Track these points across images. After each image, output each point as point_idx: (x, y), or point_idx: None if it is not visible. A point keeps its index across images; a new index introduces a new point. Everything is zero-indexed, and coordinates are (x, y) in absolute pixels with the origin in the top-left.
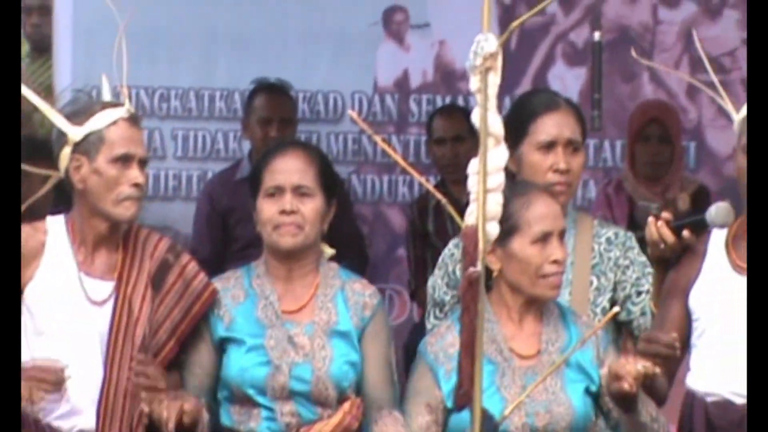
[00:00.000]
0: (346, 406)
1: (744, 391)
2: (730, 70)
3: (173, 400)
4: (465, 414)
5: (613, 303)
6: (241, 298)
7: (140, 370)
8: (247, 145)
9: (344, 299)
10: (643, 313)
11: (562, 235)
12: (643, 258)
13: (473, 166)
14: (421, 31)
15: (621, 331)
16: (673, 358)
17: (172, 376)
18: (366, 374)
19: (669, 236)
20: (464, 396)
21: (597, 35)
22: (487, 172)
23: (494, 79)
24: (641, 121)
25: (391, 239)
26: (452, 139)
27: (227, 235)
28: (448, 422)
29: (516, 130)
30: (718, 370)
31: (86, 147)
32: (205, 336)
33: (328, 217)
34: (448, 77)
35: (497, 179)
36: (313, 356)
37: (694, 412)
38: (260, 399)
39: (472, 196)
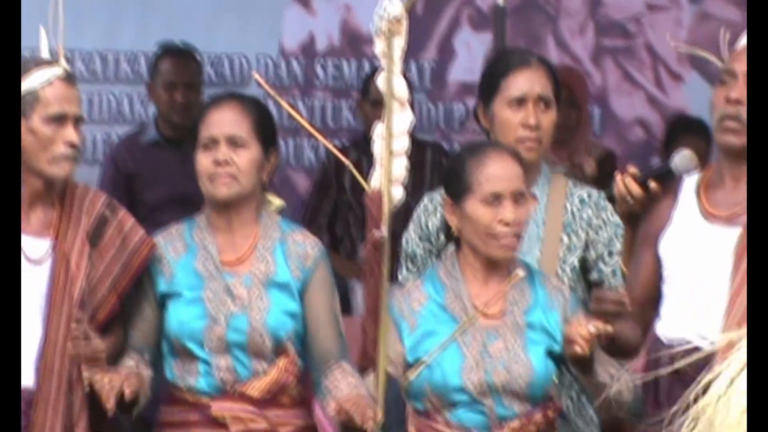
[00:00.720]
0: (281, 362)
1: (711, 337)
2: (635, 35)
3: (114, 378)
4: (425, 371)
5: (583, 262)
6: (181, 251)
7: (79, 335)
8: (153, 109)
9: (284, 250)
10: (614, 274)
11: (517, 196)
12: (617, 219)
13: (378, 130)
14: None
15: (591, 290)
16: (644, 307)
17: (114, 333)
18: (311, 326)
19: (636, 189)
20: (369, 360)
21: (500, 0)
22: (392, 135)
23: (399, 43)
24: None
25: (296, 203)
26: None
27: (133, 199)
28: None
29: (489, 87)
30: (685, 317)
31: (21, 106)
32: (147, 291)
33: (269, 167)
34: (355, 41)
35: (402, 143)
36: (251, 307)
37: (659, 358)
38: (199, 352)
39: (377, 160)
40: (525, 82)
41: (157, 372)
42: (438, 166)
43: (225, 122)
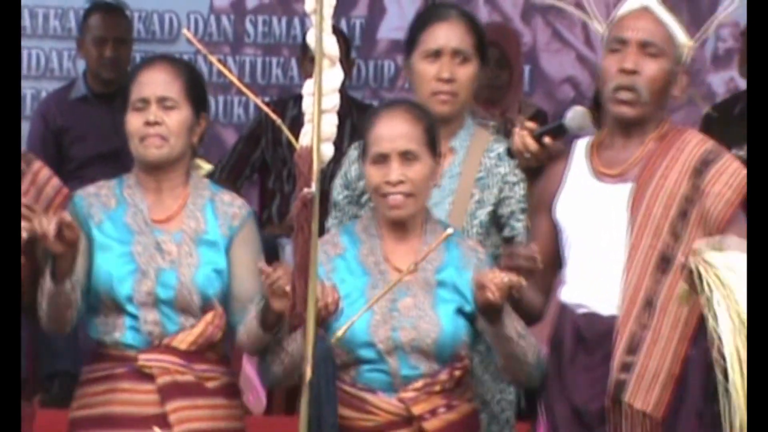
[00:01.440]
0: (209, 316)
1: (612, 297)
2: None
3: (51, 215)
4: (340, 321)
5: (497, 218)
6: (112, 205)
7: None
8: (82, 65)
9: (213, 209)
10: (527, 230)
11: (405, 156)
12: None
13: (308, 87)
14: None
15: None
16: (544, 272)
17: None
18: (234, 280)
19: (532, 144)
20: (298, 317)
21: None
22: (322, 93)
23: (329, 1)
24: None
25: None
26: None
27: (61, 154)
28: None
29: (409, 41)
30: (585, 282)
31: None
32: (81, 239)
33: (199, 130)
34: None
35: (332, 100)
36: (180, 263)
37: (564, 324)
38: (126, 305)
39: (306, 117)
40: (441, 35)
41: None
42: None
43: (156, 83)
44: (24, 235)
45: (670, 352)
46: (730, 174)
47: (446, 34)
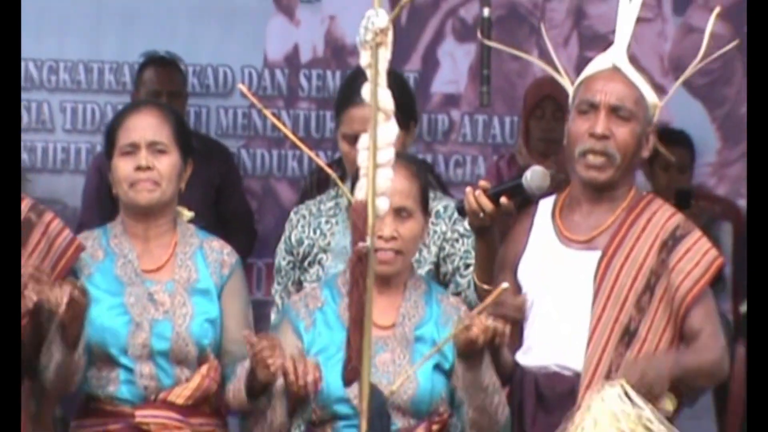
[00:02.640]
0: (204, 369)
1: (574, 364)
2: None
3: (63, 284)
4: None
5: (439, 275)
6: (99, 257)
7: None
8: None
9: (203, 257)
10: (469, 286)
11: (401, 212)
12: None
13: (363, 141)
14: (312, 5)
15: None
16: (513, 333)
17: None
18: (225, 331)
19: (487, 204)
20: (353, 371)
21: (486, 11)
22: (377, 147)
23: (384, 54)
24: (535, 97)
25: (279, 214)
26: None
27: (116, 208)
28: None
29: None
30: (547, 344)
31: None
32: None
33: (186, 175)
34: (339, 52)
35: (387, 154)
36: (174, 313)
37: (524, 385)
38: (122, 358)
39: (362, 171)
40: (359, 121)
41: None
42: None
43: (146, 128)
44: (33, 299)
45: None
46: (698, 251)
47: (363, 120)
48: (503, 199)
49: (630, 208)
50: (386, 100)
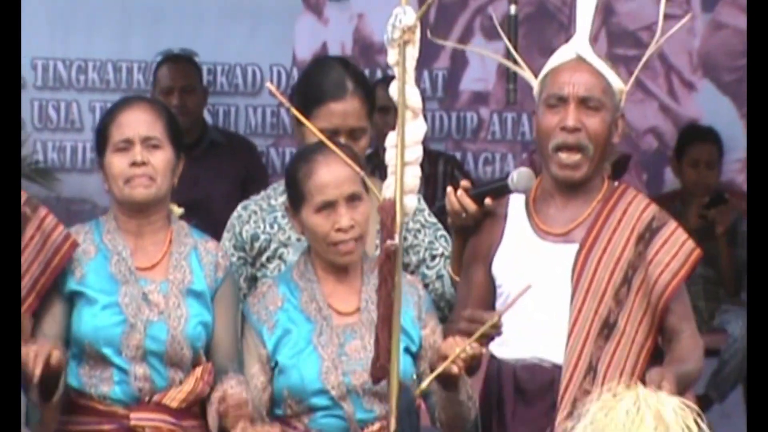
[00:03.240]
0: (198, 372)
1: (553, 356)
2: (647, 44)
3: (40, 345)
4: (283, 376)
5: (405, 266)
6: (91, 254)
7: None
8: None
9: (198, 258)
10: (438, 277)
11: (353, 198)
12: (434, 220)
13: (391, 139)
14: (340, 4)
15: None
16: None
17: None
18: (215, 335)
19: (470, 205)
20: (381, 369)
21: (513, 9)
22: (404, 145)
23: (412, 52)
24: None
25: None
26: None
27: None
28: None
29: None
30: (525, 337)
31: None
32: (55, 289)
33: (178, 170)
34: (367, 50)
35: (415, 152)
36: (169, 315)
37: (502, 378)
38: (115, 358)
39: (390, 169)
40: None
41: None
42: (450, 177)
43: (139, 123)
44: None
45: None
46: (675, 243)
47: (343, 114)
48: (488, 200)
49: (605, 199)
50: (414, 98)
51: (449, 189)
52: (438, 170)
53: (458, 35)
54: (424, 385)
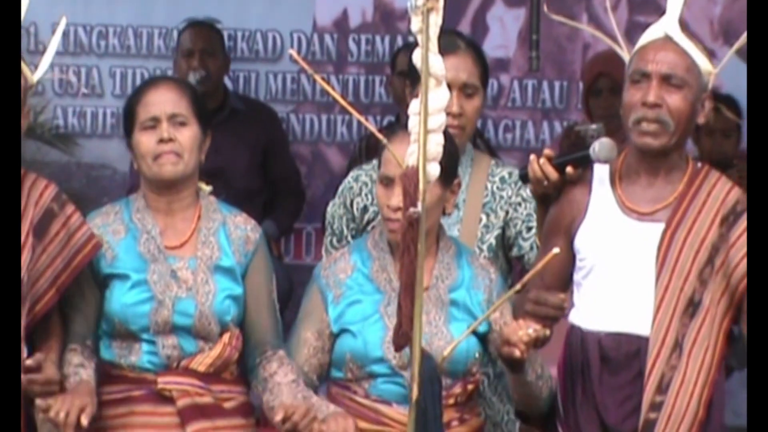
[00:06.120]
0: (226, 337)
1: (638, 329)
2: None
3: (70, 407)
4: (347, 340)
5: (503, 239)
6: (121, 233)
7: (32, 364)
8: None
9: (226, 234)
10: (532, 248)
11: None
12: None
13: (414, 106)
14: None
15: (512, 267)
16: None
17: (52, 328)
18: (250, 311)
19: (552, 173)
20: (403, 337)
21: None
22: (428, 112)
23: (435, 20)
24: (590, 75)
25: (329, 179)
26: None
27: None
28: (335, 347)
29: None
30: (609, 310)
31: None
32: (88, 276)
33: (205, 147)
34: (388, 17)
35: (438, 120)
36: (197, 291)
37: (587, 346)
38: (143, 335)
39: (412, 137)
40: (450, 69)
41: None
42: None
43: (165, 102)
44: (39, 414)
45: (695, 396)
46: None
47: (455, 68)
48: (569, 169)
49: (690, 181)
50: (437, 65)
51: (532, 157)
52: None
53: (479, 2)
54: (446, 352)
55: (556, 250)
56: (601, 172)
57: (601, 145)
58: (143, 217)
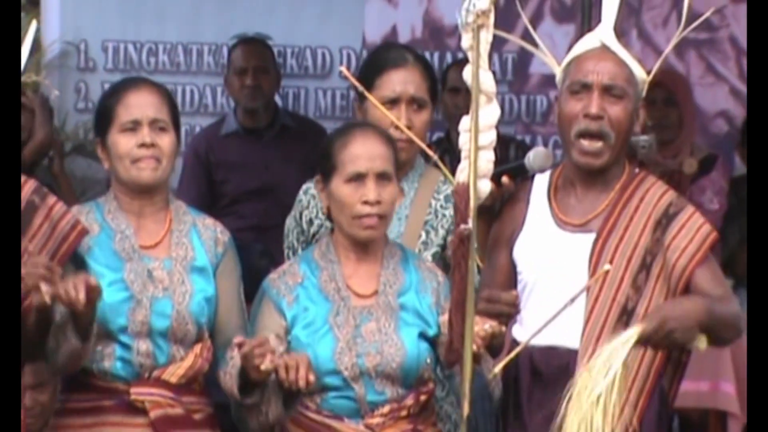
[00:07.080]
0: (197, 348)
1: (569, 342)
2: (719, 27)
3: (76, 278)
4: (304, 350)
5: (443, 258)
6: (95, 231)
7: (35, 263)
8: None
9: (198, 235)
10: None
11: (383, 177)
12: None
13: (465, 123)
14: None
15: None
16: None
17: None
18: (220, 307)
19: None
20: (455, 353)
21: None
22: (478, 129)
23: (486, 37)
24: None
25: None
26: (468, 90)
27: (214, 189)
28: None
29: (365, 83)
30: (542, 323)
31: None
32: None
33: (177, 154)
34: (437, 33)
35: (489, 137)
36: (173, 291)
37: (519, 360)
38: (120, 335)
39: (463, 154)
40: (399, 82)
41: None
42: None
43: (147, 105)
44: (46, 299)
45: (628, 406)
46: (691, 228)
47: (403, 81)
48: (505, 179)
49: (623, 187)
50: (488, 82)
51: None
52: (509, 154)
53: (528, 19)
54: (497, 369)
55: (607, 266)
56: (539, 184)
57: (536, 155)
58: (116, 217)
